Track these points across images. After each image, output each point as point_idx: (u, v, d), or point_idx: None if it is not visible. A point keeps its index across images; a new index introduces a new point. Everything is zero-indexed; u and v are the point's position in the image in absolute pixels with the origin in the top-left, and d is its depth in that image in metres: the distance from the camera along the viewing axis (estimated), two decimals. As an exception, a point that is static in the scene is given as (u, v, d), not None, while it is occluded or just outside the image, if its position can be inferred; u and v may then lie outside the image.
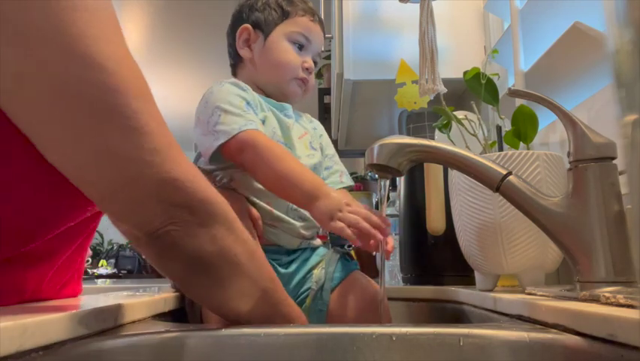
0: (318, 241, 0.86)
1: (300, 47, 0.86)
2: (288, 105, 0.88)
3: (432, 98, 0.96)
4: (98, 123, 0.38)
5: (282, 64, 0.85)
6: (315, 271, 0.81)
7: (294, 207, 0.80)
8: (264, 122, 0.80)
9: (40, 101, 0.37)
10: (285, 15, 0.87)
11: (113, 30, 0.40)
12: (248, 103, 0.79)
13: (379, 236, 0.65)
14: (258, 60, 0.87)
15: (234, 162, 0.76)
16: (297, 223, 0.80)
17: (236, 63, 0.91)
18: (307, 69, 0.86)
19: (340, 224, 0.65)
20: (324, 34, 0.92)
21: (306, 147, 0.86)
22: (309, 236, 0.83)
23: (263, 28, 0.87)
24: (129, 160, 0.40)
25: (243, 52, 0.88)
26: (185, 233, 0.45)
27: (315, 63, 0.89)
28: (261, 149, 0.72)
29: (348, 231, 0.65)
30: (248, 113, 0.77)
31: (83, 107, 0.38)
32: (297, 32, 0.86)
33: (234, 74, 0.92)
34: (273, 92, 0.87)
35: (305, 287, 0.79)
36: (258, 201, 0.79)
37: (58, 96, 0.37)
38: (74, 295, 0.60)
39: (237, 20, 0.90)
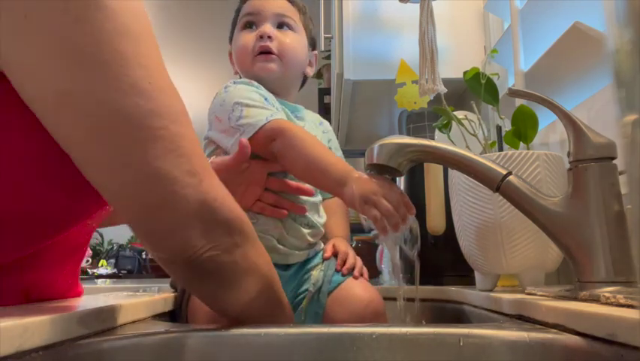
0: (320, 246, 0.86)
1: (250, 25, 0.86)
2: (300, 107, 0.88)
3: (432, 98, 0.96)
4: (138, 145, 0.39)
5: (239, 50, 0.86)
6: (314, 273, 0.80)
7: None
8: None
9: (82, 120, 0.39)
10: (237, 16, 0.89)
11: (154, 55, 0.42)
12: (266, 99, 0.79)
13: (400, 231, 0.63)
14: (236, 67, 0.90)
15: (262, 154, 0.75)
16: (305, 230, 0.80)
17: None
18: (261, 37, 0.83)
19: (374, 211, 0.62)
20: None
21: None
22: (314, 243, 0.83)
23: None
24: (168, 180, 0.41)
25: (235, 69, 0.90)
26: (225, 256, 0.46)
27: (287, 25, 0.86)
28: (290, 136, 0.72)
29: (383, 222, 0.62)
30: (271, 106, 0.77)
31: (124, 129, 0.39)
32: (242, 17, 0.87)
33: None
34: (271, 88, 0.85)
35: (303, 288, 0.79)
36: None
37: (101, 117, 0.38)
38: (78, 296, 0.60)
39: None
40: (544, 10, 0.94)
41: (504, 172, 0.52)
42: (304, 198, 0.80)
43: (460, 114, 0.80)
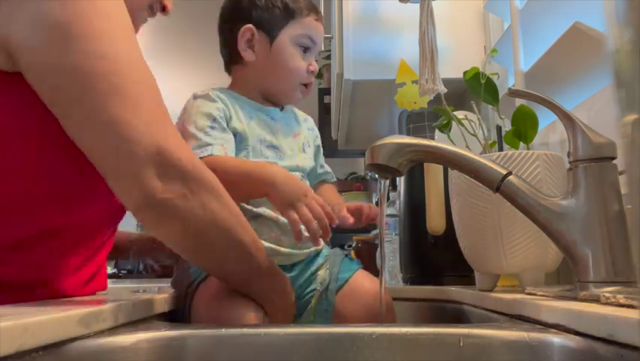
0: (321, 244, 0.85)
1: (306, 50, 0.85)
2: (273, 109, 0.86)
3: (432, 98, 0.96)
4: (100, 97, 0.49)
5: (290, 71, 0.83)
6: (320, 272, 0.80)
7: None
8: (237, 135, 0.78)
9: (59, 82, 0.49)
10: (290, 15, 0.83)
11: (122, 29, 0.52)
12: (214, 120, 0.76)
13: (324, 238, 0.68)
14: (262, 64, 0.83)
15: None
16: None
17: (233, 62, 0.86)
18: (312, 72, 0.85)
19: (294, 215, 0.67)
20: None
21: (299, 148, 0.85)
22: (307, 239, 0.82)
23: (267, 30, 0.83)
24: (128, 126, 0.49)
25: (246, 54, 0.83)
26: (180, 200, 0.52)
27: (316, 62, 0.88)
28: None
29: (298, 226, 0.67)
30: (208, 136, 0.75)
31: (90, 86, 0.49)
32: (303, 35, 0.84)
33: (228, 71, 0.89)
34: (274, 95, 0.85)
35: (310, 288, 0.79)
36: (262, 211, 0.77)
37: (72, 78, 0.49)
38: (101, 289, 0.69)
39: (235, 17, 0.85)
40: (544, 10, 0.94)
41: (504, 172, 0.52)
42: None
43: (460, 114, 0.80)
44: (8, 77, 0.51)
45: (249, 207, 0.77)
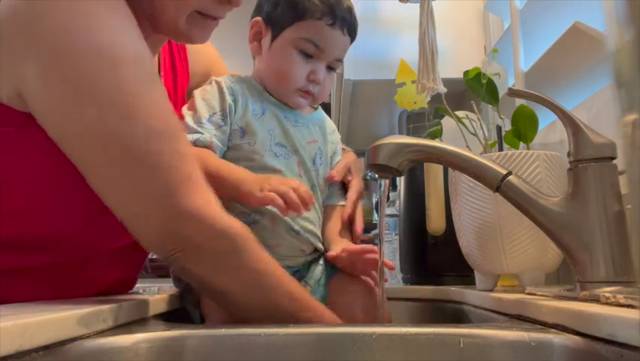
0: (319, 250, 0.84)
1: (309, 56, 0.76)
2: (295, 111, 0.81)
3: (429, 99, 0.96)
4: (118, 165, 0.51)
5: (282, 74, 0.77)
6: (313, 267, 0.80)
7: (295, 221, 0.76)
8: (242, 129, 0.76)
9: (87, 150, 0.51)
10: (298, 16, 0.75)
11: (150, 82, 0.53)
12: (214, 113, 0.75)
13: (302, 211, 0.66)
14: (264, 60, 0.80)
15: None
16: (304, 236, 0.77)
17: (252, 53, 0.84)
18: (313, 81, 0.77)
19: (270, 194, 0.65)
20: (353, 34, 0.79)
21: (310, 156, 0.80)
22: (308, 251, 0.79)
23: (272, 27, 0.77)
24: (140, 195, 0.51)
25: (252, 46, 0.81)
26: (190, 261, 0.54)
27: (333, 69, 0.80)
28: None
29: (279, 200, 0.65)
30: (201, 126, 0.73)
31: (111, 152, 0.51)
32: (305, 39, 0.75)
33: (254, 58, 0.86)
34: (277, 96, 0.81)
35: (302, 281, 0.79)
36: (259, 218, 0.74)
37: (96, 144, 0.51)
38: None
39: (256, 8, 0.82)
40: (544, 10, 0.94)
41: (504, 172, 0.52)
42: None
43: (460, 114, 0.80)
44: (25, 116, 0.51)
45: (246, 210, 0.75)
